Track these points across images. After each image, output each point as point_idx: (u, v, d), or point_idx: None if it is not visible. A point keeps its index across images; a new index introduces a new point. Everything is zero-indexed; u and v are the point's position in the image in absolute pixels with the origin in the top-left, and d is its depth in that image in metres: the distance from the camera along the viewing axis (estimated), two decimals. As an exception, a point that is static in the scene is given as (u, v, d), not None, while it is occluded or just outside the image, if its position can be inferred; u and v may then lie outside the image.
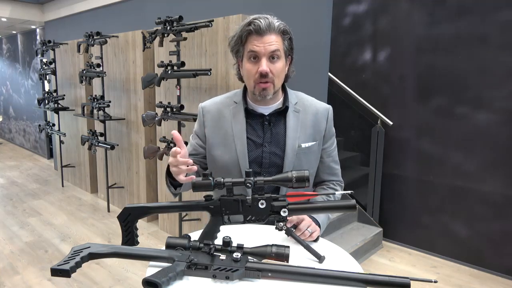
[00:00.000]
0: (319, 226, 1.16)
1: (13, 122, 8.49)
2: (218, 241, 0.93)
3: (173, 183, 1.17)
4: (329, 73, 3.36)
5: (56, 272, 0.84)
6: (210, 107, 1.30)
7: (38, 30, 6.84)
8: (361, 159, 3.93)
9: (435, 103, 3.28)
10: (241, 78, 1.26)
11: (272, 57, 1.14)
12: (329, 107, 1.31)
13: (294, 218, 1.09)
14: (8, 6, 5.78)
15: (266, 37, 1.12)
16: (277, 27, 1.13)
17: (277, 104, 1.25)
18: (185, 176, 1.04)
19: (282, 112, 1.24)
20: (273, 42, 1.13)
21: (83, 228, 3.79)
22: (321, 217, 1.19)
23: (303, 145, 1.23)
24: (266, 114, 1.23)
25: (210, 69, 2.68)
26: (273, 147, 1.23)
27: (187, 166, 1.02)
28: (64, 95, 4.98)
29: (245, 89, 1.28)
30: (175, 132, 1.05)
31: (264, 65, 1.13)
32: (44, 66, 5.21)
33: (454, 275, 3.06)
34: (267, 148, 1.23)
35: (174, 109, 2.95)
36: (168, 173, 1.13)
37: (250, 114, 1.25)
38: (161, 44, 3.11)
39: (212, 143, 1.27)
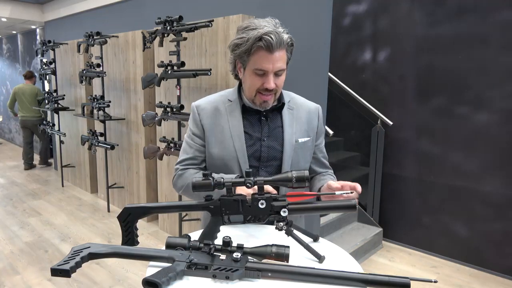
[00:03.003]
0: None
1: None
2: (218, 241, 0.93)
3: None
4: (329, 73, 3.36)
5: (56, 272, 0.84)
6: (205, 105, 1.29)
7: (38, 30, 6.84)
8: (361, 159, 3.93)
9: (435, 103, 3.28)
10: (236, 76, 1.26)
11: (278, 72, 1.15)
12: (319, 106, 1.35)
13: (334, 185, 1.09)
14: (8, 6, 5.79)
15: (275, 54, 1.11)
16: (286, 41, 1.12)
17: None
18: None
19: (277, 109, 1.26)
20: (281, 59, 1.13)
21: (83, 228, 3.79)
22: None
23: (299, 140, 1.25)
24: (263, 110, 1.23)
25: (210, 69, 2.68)
26: (272, 141, 1.23)
27: None
28: (64, 95, 4.98)
29: (239, 86, 1.28)
30: None
31: (272, 83, 1.14)
32: (44, 66, 5.21)
33: (454, 275, 3.06)
34: (265, 142, 1.23)
35: (174, 109, 2.95)
36: None
37: (246, 110, 1.25)
38: (161, 44, 3.11)
39: (209, 141, 1.25)
